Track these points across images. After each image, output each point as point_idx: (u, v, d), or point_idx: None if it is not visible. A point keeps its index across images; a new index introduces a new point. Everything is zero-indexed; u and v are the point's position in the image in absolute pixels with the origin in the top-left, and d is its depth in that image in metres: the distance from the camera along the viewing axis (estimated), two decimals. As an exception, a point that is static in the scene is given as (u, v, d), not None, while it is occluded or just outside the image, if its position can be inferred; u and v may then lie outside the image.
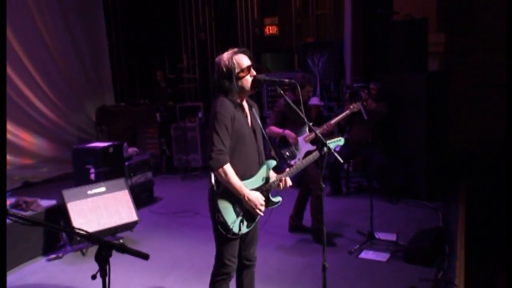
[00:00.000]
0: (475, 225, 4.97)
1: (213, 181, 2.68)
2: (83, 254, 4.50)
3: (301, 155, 4.45)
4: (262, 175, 2.77)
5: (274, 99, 7.16)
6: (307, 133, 4.47)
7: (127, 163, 5.86)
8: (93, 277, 1.48)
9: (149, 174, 6.22)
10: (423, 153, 5.73)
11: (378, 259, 4.13)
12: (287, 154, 4.41)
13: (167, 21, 9.90)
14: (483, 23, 7.69)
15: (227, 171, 2.59)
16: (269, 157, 2.85)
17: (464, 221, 5.01)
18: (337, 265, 3.95)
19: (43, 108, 8.33)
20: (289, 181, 2.85)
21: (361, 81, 6.70)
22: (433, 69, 6.90)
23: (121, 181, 4.93)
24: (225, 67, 2.67)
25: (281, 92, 2.75)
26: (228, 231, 2.65)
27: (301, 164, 2.89)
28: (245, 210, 2.69)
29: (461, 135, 7.47)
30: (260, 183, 2.76)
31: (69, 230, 4.17)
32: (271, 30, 9.89)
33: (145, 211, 5.71)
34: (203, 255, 4.27)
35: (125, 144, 5.98)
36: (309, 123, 2.84)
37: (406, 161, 5.83)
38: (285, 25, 9.62)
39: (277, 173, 2.88)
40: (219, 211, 2.64)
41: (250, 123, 2.77)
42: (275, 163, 2.83)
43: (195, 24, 9.86)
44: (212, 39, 9.86)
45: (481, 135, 7.53)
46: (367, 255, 4.23)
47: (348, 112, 4.77)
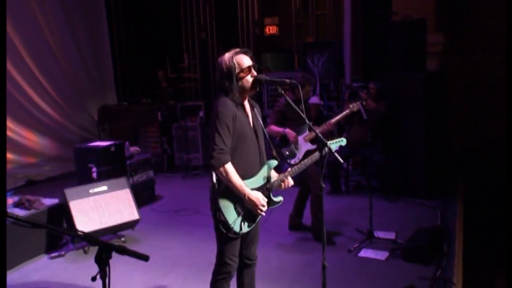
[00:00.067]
0: (473, 223, 4.96)
1: (214, 180, 2.66)
2: (85, 252, 4.50)
3: (301, 154, 4.43)
4: (263, 174, 2.75)
5: (274, 98, 7.14)
6: (307, 132, 4.45)
7: (128, 162, 5.84)
8: (93, 279, 1.46)
9: (151, 172, 6.21)
10: (421, 152, 5.72)
11: (377, 258, 4.11)
12: (287, 153, 4.39)
13: (168, 21, 9.89)
14: (481, 23, 7.67)
15: (228, 170, 2.57)
16: (270, 157, 2.84)
17: (462, 220, 5.00)
18: (336, 264, 3.93)
19: (46, 107, 8.34)
20: (291, 181, 2.83)
21: (360, 80, 6.69)
22: (432, 69, 6.88)
23: (123, 180, 4.91)
24: (225, 67, 2.66)
25: (282, 92, 2.78)
26: (229, 230, 2.63)
27: (303, 164, 2.86)
28: (246, 209, 2.67)
29: (460, 134, 7.45)
30: (261, 183, 2.74)
31: (69, 232, 4.14)
32: (271, 30, 9.87)
33: (146, 210, 5.70)
34: (204, 253, 4.26)
35: (127, 143, 5.97)
36: (309, 123, 2.82)
37: (405, 160, 5.82)
38: (285, 25, 9.60)
39: (277, 172, 2.87)
40: (220, 210, 2.62)
41: (251, 123, 2.75)
42: (276, 162, 2.81)
43: (196, 24, 9.84)
44: (213, 39, 9.85)
45: (480, 134, 7.50)
46: (366, 253, 4.21)
47: (347, 111, 4.75)
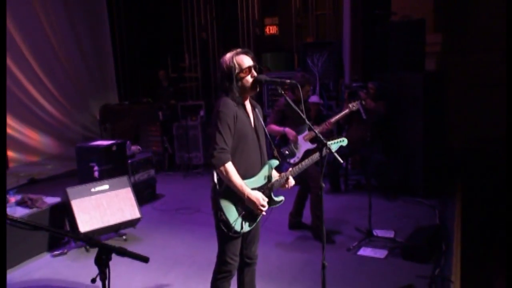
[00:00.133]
0: (471, 222, 4.94)
1: (215, 179, 2.64)
2: (87, 250, 4.48)
3: (300, 153, 4.41)
4: (264, 174, 2.73)
5: (274, 98, 7.12)
6: (306, 132, 4.43)
7: (130, 161, 5.83)
8: (92, 281, 1.44)
9: (152, 171, 6.19)
10: (420, 151, 5.70)
11: (376, 256, 4.10)
12: (287, 152, 4.37)
13: (169, 21, 9.87)
14: (479, 23, 7.65)
15: (229, 170, 2.55)
16: (271, 157, 2.82)
17: (460, 219, 4.98)
18: (336, 262, 3.91)
19: (48, 106, 8.33)
20: (292, 180, 2.82)
21: (359, 80, 6.67)
22: (430, 69, 6.86)
23: (124, 179, 4.90)
24: (226, 67, 2.65)
25: (282, 92, 2.77)
26: (230, 229, 2.61)
27: (303, 164, 2.84)
28: (247, 208, 2.65)
29: (458, 133, 7.44)
30: (262, 182, 2.72)
31: (69, 234, 4.15)
32: (271, 30, 9.85)
33: (147, 208, 5.69)
34: (205, 252, 4.25)
35: (128, 142, 5.95)
36: (309, 123, 2.80)
37: (404, 159, 5.80)
38: (285, 25, 9.58)
39: (277, 172, 2.85)
40: (221, 210, 2.60)
41: (252, 123, 2.73)
42: (277, 162, 2.79)
43: (197, 24, 9.82)
44: (213, 39, 9.83)
45: (478, 133, 7.49)
46: (366, 252, 4.19)
47: (347, 111, 4.73)
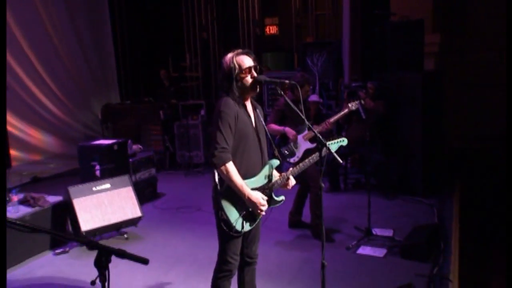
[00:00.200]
0: (469, 221, 4.93)
1: (216, 179, 2.63)
2: (89, 248, 4.46)
3: (300, 153, 4.39)
4: (264, 174, 2.72)
5: (274, 97, 7.10)
6: (306, 131, 4.41)
7: (131, 160, 5.81)
8: (92, 283, 1.42)
9: (153, 170, 6.17)
10: (419, 150, 5.68)
11: (375, 255, 4.09)
12: (286, 152, 4.35)
13: (170, 22, 9.84)
14: (477, 24, 7.64)
15: (230, 169, 2.54)
16: (271, 157, 2.80)
17: (458, 217, 4.97)
18: (335, 261, 3.90)
19: (50, 106, 8.32)
20: (293, 180, 2.80)
21: (359, 80, 6.64)
22: (429, 69, 6.84)
23: (125, 178, 4.88)
24: (226, 68, 2.64)
25: (282, 92, 2.77)
26: (231, 228, 2.60)
27: (304, 164, 2.82)
28: (247, 208, 2.64)
29: (456, 132, 7.43)
30: (262, 182, 2.71)
31: (68, 237, 4.15)
32: (271, 30, 9.83)
33: (148, 207, 5.68)
34: (205, 250, 4.24)
35: (129, 141, 5.93)
36: (309, 123, 2.78)
37: (403, 158, 5.78)
38: (285, 25, 9.56)
39: (277, 172, 2.83)
40: (223, 209, 2.59)
41: (253, 123, 2.72)
42: (278, 162, 2.77)
43: (197, 24, 9.79)
44: (214, 39, 9.81)
45: (476, 133, 7.48)
46: (365, 250, 4.18)
47: (346, 111, 4.70)
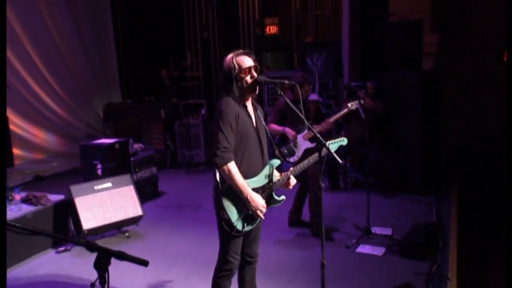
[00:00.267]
0: (468, 219, 4.91)
1: (218, 178, 2.61)
2: (91, 247, 4.46)
3: (300, 152, 4.38)
4: (265, 173, 2.70)
5: (274, 96, 7.08)
6: (306, 131, 4.39)
7: (132, 159, 5.79)
8: (92, 285, 1.40)
9: (154, 169, 6.15)
10: (418, 149, 5.67)
11: (374, 253, 4.07)
12: (286, 151, 4.33)
13: (172, 22, 9.83)
14: (475, 24, 7.62)
15: (231, 169, 2.52)
16: (272, 157, 2.78)
17: (456, 216, 4.95)
18: (334, 259, 3.89)
19: (53, 105, 8.31)
20: (294, 180, 2.78)
21: (358, 80, 6.62)
22: (428, 69, 6.82)
23: (127, 177, 4.87)
24: (227, 68, 2.63)
25: (281, 93, 2.76)
26: (232, 228, 2.58)
27: (304, 163, 2.79)
28: (248, 208, 2.62)
29: (455, 132, 7.42)
30: (263, 182, 2.69)
31: (68, 239, 4.13)
32: (271, 30, 9.83)
33: (150, 205, 5.66)
34: (206, 249, 4.23)
35: (131, 140, 5.92)
36: (308, 124, 2.76)
37: (401, 157, 5.76)
38: (285, 25, 9.55)
39: (278, 171, 2.81)
40: (224, 209, 2.57)
41: (254, 123, 2.70)
42: (278, 162, 2.76)
43: (198, 24, 9.78)
44: (214, 39, 9.80)
45: (474, 132, 7.47)
46: (364, 249, 4.17)
47: (346, 110, 4.68)
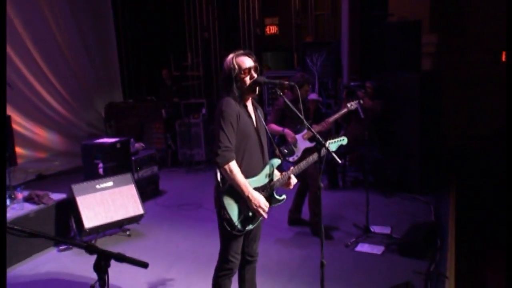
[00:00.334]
0: (466, 218, 4.90)
1: (219, 178, 2.59)
2: (92, 245, 4.44)
3: (299, 152, 4.35)
4: (266, 173, 2.68)
5: (274, 96, 7.06)
6: (305, 131, 4.37)
7: (133, 158, 5.77)
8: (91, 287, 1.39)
9: (155, 168, 6.14)
10: (416, 149, 5.65)
11: (373, 252, 4.05)
12: (286, 151, 4.31)
13: (173, 22, 9.81)
14: (473, 24, 7.60)
15: (233, 168, 2.50)
16: (272, 156, 2.76)
17: (454, 215, 4.93)
18: (334, 258, 3.87)
19: (55, 104, 8.29)
20: (294, 179, 2.76)
21: (357, 80, 6.60)
22: (427, 69, 6.80)
23: (128, 176, 4.85)
24: (227, 68, 2.61)
25: (281, 94, 2.76)
26: (233, 228, 2.56)
27: (304, 163, 2.77)
28: (249, 207, 2.59)
29: (453, 131, 7.40)
30: (264, 182, 2.67)
31: (67, 241, 4.15)
32: (271, 30, 9.81)
33: (151, 204, 5.65)
34: (206, 247, 4.22)
35: (132, 139, 5.90)
36: (308, 124, 2.74)
37: (400, 156, 5.74)
38: (285, 25, 9.53)
39: (278, 171, 2.79)
40: (225, 208, 2.55)
41: (255, 123, 2.68)
42: (279, 161, 2.74)
43: (199, 24, 9.75)
44: (215, 38, 9.77)
45: (472, 131, 7.45)
46: (363, 248, 4.15)
47: (345, 110, 4.66)
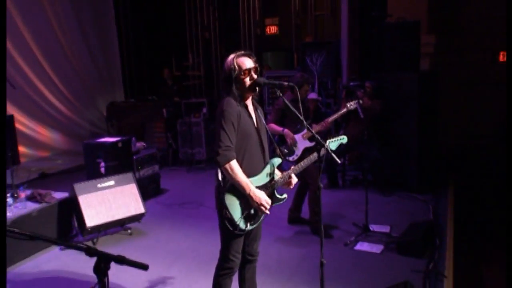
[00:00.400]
0: (464, 217, 4.88)
1: (220, 178, 2.57)
2: (94, 243, 4.45)
3: (299, 151, 4.34)
4: (266, 172, 2.66)
5: (274, 96, 7.04)
6: (305, 130, 4.35)
7: (135, 157, 5.76)
8: (91, 291, 1.38)
9: (156, 167, 6.13)
10: (415, 148, 5.63)
11: (372, 251, 4.04)
12: (286, 150, 4.30)
13: (174, 22, 9.80)
14: (470, 25, 7.58)
15: (234, 167, 2.49)
16: (273, 156, 2.75)
17: (453, 214, 4.92)
18: (333, 257, 3.86)
19: (58, 104, 8.29)
20: (295, 178, 2.75)
21: (357, 79, 6.57)
22: (425, 69, 6.78)
23: (129, 175, 4.83)
24: (227, 69, 2.60)
25: (281, 94, 2.76)
26: (235, 227, 2.55)
27: (304, 163, 2.75)
28: (251, 206, 2.58)
29: (451, 130, 7.39)
30: (265, 181, 2.66)
31: (66, 244, 4.12)
32: (271, 30, 9.79)
33: (152, 202, 5.63)
34: (207, 246, 4.21)
35: (133, 138, 5.89)
36: (307, 124, 2.72)
37: (399, 155, 5.73)
38: (285, 25, 9.50)
39: (279, 171, 2.77)
40: (227, 208, 2.54)
41: (255, 123, 2.67)
42: (279, 161, 2.72)
43: (200, 24, 9.73)
44: (216, 38, 9.75)
45: (470, 130, 7.44)
46: (362, 247, 4.13)
47: (345, 110, 4.64)
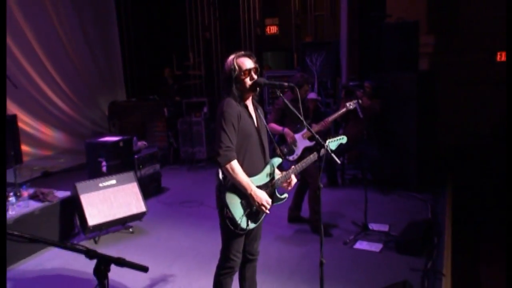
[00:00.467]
0: (462, 216, 4.87)
1: (221, 177, 2.56)
2: (96, 242, 4.44)
3: (299, 151, 4.32)
4: (267, 172, 2.65)
5: (275, 95, 7.02)
6: (305, 130, 4.33)
7: (136, 156, 5.74)
8: (91, 293, 1.36)
9: (157, 166, 6.11)
10: (413, 147, 5.62)
11: (371, 250, 4.03)
12: (286, 150, 4.28)
13: (175, 22, 9.78)
14: (469, 25, 7.55)
15: (234, 167, 2.47)
16: (273, 155, 2.73)
17: (451, 213, 4.91)
18: (332, 255, 3.84)
19: (60, 103, 8.29)
20: (294, 179, 2.73)
21: (356, 79, 6.56)
22: (424, 69, 6.76)
23: (131, 174, 4.82)
24: (227, 69, 2.59)
25: (281, 94, 2.74)
26: (236, 226, 2.53)
27: (304, 162, 2.73)
28: (252, 206, 2.57)
29: (449, 130, 7.36)
30: (265, 180, 2.64)
31: (67, 246, 4.11)
32: (271, 30, 9.76)
33: (153, 201, 5.62)
34: (207, 244, 4.20)
35: (135, 138, 5.88)
36: (307, 124, 2.70)
37: (398, 154, 5.71)
38: (285, 26, 9.48)
39: (279, 170, 2.76)
40: (228, 207, 2.52)
41: (255, 123, 2.65)
42: (280, 161, 2.71)
43: (200, 24, 9.71)
44: (216, 38, 9.73)
45: (468, 130, 7.41)
46: (362, 245, 4.12)
47: (344, 110, 4.61)
